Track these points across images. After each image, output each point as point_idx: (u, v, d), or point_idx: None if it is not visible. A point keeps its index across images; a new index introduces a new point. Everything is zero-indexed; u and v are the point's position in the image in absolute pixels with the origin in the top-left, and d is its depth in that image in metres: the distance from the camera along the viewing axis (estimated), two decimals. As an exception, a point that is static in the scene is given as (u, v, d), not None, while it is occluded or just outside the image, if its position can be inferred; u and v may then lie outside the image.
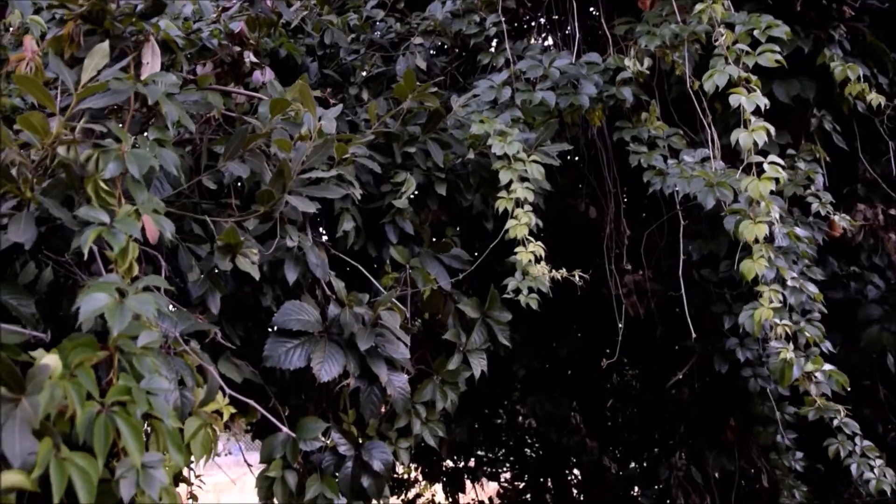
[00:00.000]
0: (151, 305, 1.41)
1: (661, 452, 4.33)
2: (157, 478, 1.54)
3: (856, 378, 3.44)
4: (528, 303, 2.28)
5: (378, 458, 2.29)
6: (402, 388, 2.28)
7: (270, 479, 2.13)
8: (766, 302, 2.28)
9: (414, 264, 2.49)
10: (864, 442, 2.67)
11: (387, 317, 2.20)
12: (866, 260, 3.40)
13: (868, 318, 3.22)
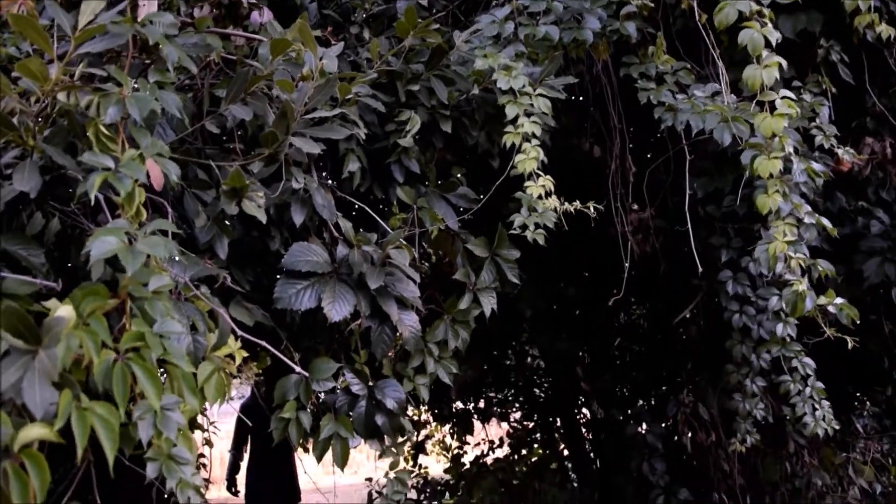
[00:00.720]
0: (163, 247, 1.42)
1: (668, 390, 4.38)
2: (175, 419, 1.57)
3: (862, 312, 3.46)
4: (535, 238, 2.27)
5: (391, 396, 2.32)
6: (414, 327, 2.29)
7: (285, 420, 2.16)
8: (780, 235, 2.28)
9: (421, 204, 2.48)
10: (816, 384, 2.72)
11: (396, 255, 2.20)
12: (873, 194, 3.37)
13: (871, 250, 3.21)
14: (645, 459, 4.02)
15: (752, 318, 3.12)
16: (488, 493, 5.19)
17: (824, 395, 2.75)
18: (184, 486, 1.70)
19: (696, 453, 4.09)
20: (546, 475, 5.35)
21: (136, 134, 1.65)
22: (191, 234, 2.09)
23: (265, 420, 3.53)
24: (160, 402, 1.53)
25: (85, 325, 1.39)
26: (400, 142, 2.43)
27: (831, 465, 3.88)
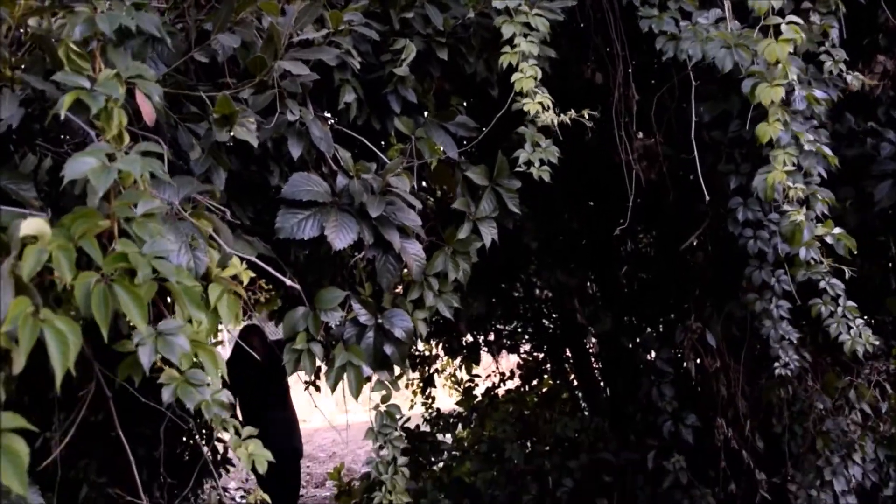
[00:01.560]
0: (138, 165, 1.41)
1: (676, 318, 4.40)
2: (178, 343, 1.59)
3: (869, 235, 3.44)
4: (541, 175, 2.26)
5: (399, 325, 2.34)
6: (418, 256, 2.30)
7: (297, 352, 2.18)
8: (779, 165, 2.25)
9: (419, 135, 2.45)
10: (847, 303, 2.69)
11: (396, 182, 2.20)
12: (884, 115, 3.31)
13: (882, 173, 3.15)
14: (654, 385, 4.07)
15: (767, 241, 3.10)
16: (500, 423, 5.27)
17: (857, 314, 2.72)
18: (208, 404, 1.74)
19: (702, 379, 4.13)
20: (557, 405, 5.43)
21: (114, 56, 1.63)
22: (187, 168, 2.09)
23: (251, 373, 3.64)
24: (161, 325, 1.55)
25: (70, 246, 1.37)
26: (395, 71, 2.40)
27: (834, 389, 3.91)
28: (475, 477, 5.30)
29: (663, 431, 4.06)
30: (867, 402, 3.89)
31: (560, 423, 5.01)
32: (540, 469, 4.92)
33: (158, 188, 1.78)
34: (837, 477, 3.86)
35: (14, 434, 1.21)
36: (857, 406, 3.88)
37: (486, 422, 5.56)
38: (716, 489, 4.24)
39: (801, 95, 2.45)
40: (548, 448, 5.11)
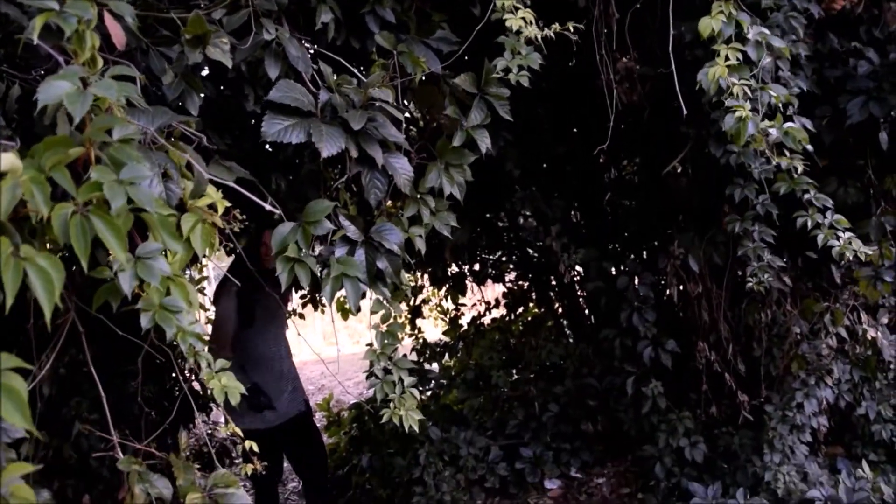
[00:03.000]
0: (114, 90, 1.39)
1: (659, 244, 4.43)
2: (157, 267, 1.59)
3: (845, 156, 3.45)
4: (520, 80, 2.22)
5: (391, 238, 2.30)
6: (405, 170, 2.26)
7: (291, 261, 2.10)
8: (721, 60, 2.21)
9: (401, 49, 2.39)
10: (833, 216, 2.70)
11: (378, 94, 2.16)
12: (865, 34, 3.29)
13: (856, 89, 3.16)
14: (634, 311, 4.12)
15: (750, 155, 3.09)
16: (486, 351, 5.35)
17: (846, 224, 2.74)
18: (183, 334, 1.74)
19: (684, 304, 4.19)
20: (542, 332, 5.50)
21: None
22: (161, 95, 2.06)
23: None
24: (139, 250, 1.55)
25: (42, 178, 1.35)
26: (373, -10, 2.35)
27: (812, 313, 3.97)
28: (462, 404, 5.41)
29: (644, 357, 4.13)
30: (843, 326, 3.96)
31: (545, 350, 5.09)
32: (526, 395, 5.03)
33: (133, 116, 1.75)
34: (810, 399, 3.96)
35: (12, 373, 1.22)
36: (832, 330, 3.95)
37: (473, 350, 5.64)
38: (697, 412, 4.35)
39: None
40: (533, 375, 5.21)
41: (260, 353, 3.86)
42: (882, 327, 4.22)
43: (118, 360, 3.27)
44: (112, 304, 1.73)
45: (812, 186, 2.73)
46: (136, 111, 1.79)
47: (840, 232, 2.71)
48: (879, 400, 4.34)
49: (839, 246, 2.66)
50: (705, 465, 4.24)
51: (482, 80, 2.45)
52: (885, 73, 3.14)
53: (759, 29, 2.46)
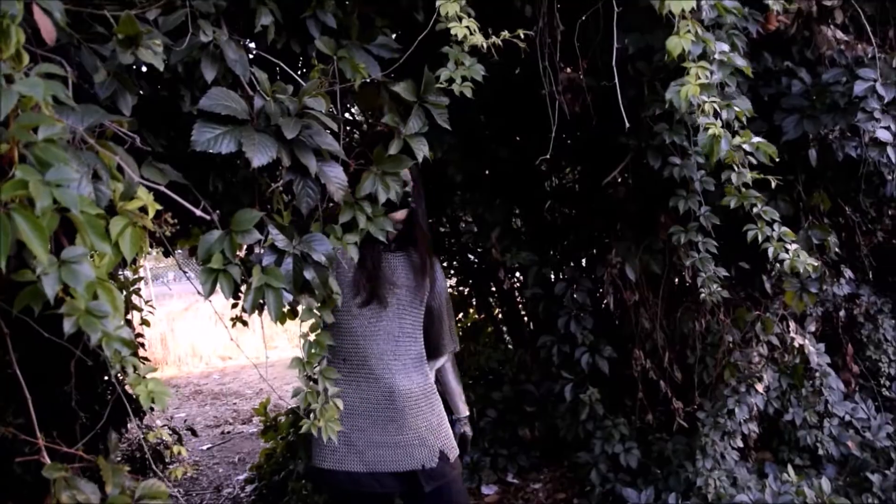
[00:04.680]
0: (41, 88, 1.33)
1: (598, 252, 4.49)
2: (82, 271, 1.52)
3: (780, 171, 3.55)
4: (462, 91, 2.21)
5: (319, 249, 2.25)
6: (339, 178, 2.22)
7: (215, 272, 2.05)
8: (693, 79, 2.25)
9: (342, 55, 2.36)
10: (781, 228, 2.77)
11: (312, 103, 2.12)
12: (798, 53, 3.40)
13: (791, 108, 3.27)
14: (572, 318, 4.16)
15: (693, 168, 3.15)
16: (424, 356, 5.34)
17: (793, 237, 2.80)
18: (108, 339, 1.67)
19: (621, 312, 4.25)
20: (482, 337, 5.52)
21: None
22: (93, 93, 1.99)
23: None
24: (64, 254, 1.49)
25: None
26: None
27: (744, 322, 4.08)
28: (400, 409, 5.39)
29: (581, 363, 4.18)
30: (773, 334, 4.08)
31: (484, 355, 5.11)
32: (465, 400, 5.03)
33: (62, 114, 1.68)
34: (741, 406, 4.07)
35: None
36: (763, 339, 4.06)
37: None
38: (633, 418, 4.42)
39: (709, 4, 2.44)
40: (472, 380, 5.22)
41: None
42: (809, 336, 4.37)
43: (48, 363, 3.16)
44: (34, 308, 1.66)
45: (760, 200, 2.80)
46: (66, 109, 1.72)
47: (787, 244, 2.78)
48: (805, 406, 4.48)
49: (789, 258, 2.73)
50: (639, 470, 4.31)
51: (422, 87, 2.43)
52: (817, 93, 3.25)
53: (722, 47, 2.51)
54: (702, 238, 3.26)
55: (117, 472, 2.08)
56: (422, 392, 2.85)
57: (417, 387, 2.84)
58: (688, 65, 2.25)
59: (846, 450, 4.50)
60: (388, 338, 2.82)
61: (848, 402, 4.68)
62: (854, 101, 3.12)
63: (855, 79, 3.12)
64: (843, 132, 3.50)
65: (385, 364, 2.79)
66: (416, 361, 2.87)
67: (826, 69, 3.32)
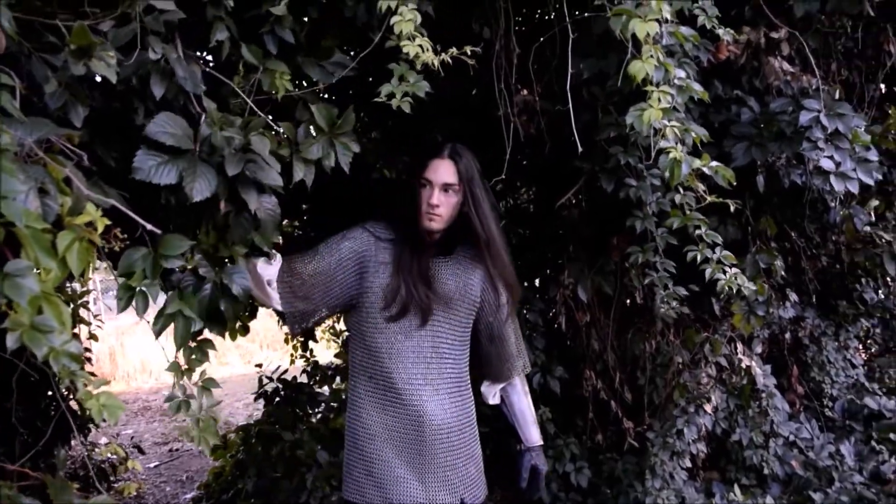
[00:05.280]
0: (-12, 100, 1.31)
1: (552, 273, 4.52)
2: (26, 286, 1.50)
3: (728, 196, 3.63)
4: (401, 106, 2.21)
5: (238, 282, 2.25)
6: (272, 210, 2.24)
7: (132, 290, 2.03)
8: (655, 103, 2.28)
9: (270, 66, 2.33)
10: (722, 251, 2.83)
11: (256, 142, 2.11)
12: (747, 83, 3.50)
13: (741, 135, 3.36)
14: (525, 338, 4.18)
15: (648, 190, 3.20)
16: (378, 374, 5.32)
17: (733, 261, 2.85)
18: (56, 354, 1.64)
19: (573, 333, 4.29)
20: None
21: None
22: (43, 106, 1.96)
23: None
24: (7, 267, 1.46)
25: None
26: (273, 10, 2.30)
27: (693, 343, 4.15)
28: (352, 428, 5.35)
29: (533, 383, 4.20)
30: (721, 355, 4.16)
31: (436, 374, 5.09)
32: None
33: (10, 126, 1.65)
34: (690, 426, 4.13)
35: None
36: (711, 360, 4.13)
37: (365, 373, 5.58)
38: (584, 438, 4.45)
39: (667, 31, 2.49)
40: (425, 399, 5.20)
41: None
42: (756, 357, 4.46)
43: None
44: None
45: (703, 223, 2.86)
46: (14, 121, 1.69)
47: (727, 267, 2.83)
48: (752, 427, 4.56)
49: (725, 280, 2.78)
50: (590, 489, 4.34)
51: (341, 120, 2.42)
52: (765, 122, 3.34)
53: (680, 73, 2.57)
54: (660, 258, 3.31)
55: (65, 490, 2.04)
56: (457, 423, 2.56)
57: (453, 417, 2.54)
58: (650, 89, 2.29)
59: (790, 469, 4.59)
60: (419, 359, 2.51)
61: (793, 422, 4.79)
62: (799, 130, 3.21)
63: (800, 109, 3.21)
64: (789, 160, 3.60)
65: (414, 388, 2.49)
66: (452, 387, 2.57)
67: (774, 99, 3.42)
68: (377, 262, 2.55)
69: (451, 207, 2.55)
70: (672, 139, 2.41)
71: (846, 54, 3.92)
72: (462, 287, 2.62)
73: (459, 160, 2.55)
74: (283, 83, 2.36)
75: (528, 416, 2.89)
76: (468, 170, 2.57)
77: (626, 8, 2.26)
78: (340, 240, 2.63)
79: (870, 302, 5.43)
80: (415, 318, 2.52)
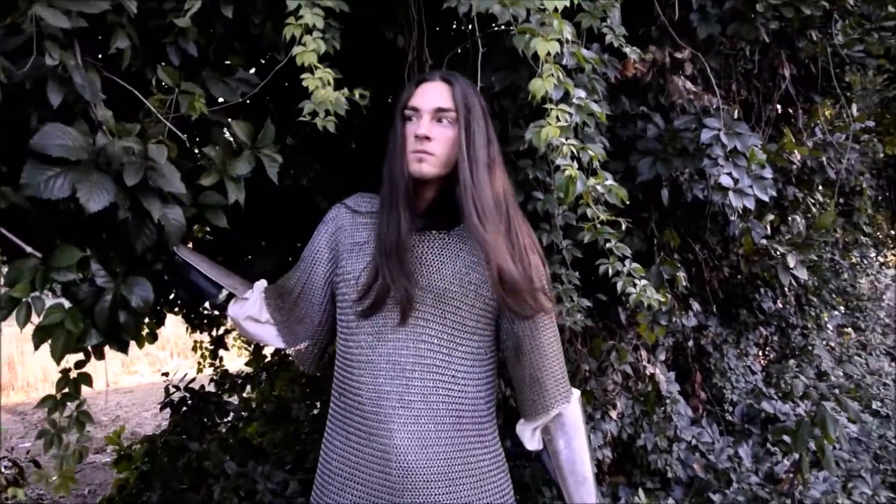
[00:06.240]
0: None
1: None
2: None
3: (634, 209, 3.74)
4: (325, 126, 2.20)
5: (138, 294, 2.17)
6: (178, 221, 2.18)
7: (16, 301, 1.94)
8: (553, 121, 2.31)
9: (186, 88, 2.29)
10: (632, 264, 2.91)
11: (153, 151, 2.06)
12: (653, 100, 3.61)
13: (646, 150, 3.46)
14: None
15: (554, 203, 3.25)
16: (289, 383, 5.24)
17: (643, 273, 2.91)
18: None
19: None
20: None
21: None
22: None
23: None
24: None
25: None
26: (177, 22, 2.24)
27: (600, 351, 4.25)
28: (262, 438, 5.26)
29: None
30: (627, 363, 4.27)
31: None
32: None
33: None
34: (596, 432, 4.23)
35: None
36: (617, 367, 4.24)
37: (276, 382, 5.50)
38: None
39: (569, 52, 2.54)
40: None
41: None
42: (661, 364, 4.60)
43: None
44: None
45: (613, 236, 2.92)
46: None
47: (637, 280, 2.91)
48: (656, 432, 4.70)
49: (635, 293, 2.85)
50: (499, 497, 4.38)
51: (260, 134, 2.38)
52: (669, 138, 3.46)
53: (580, 93, 2.62)
54: (566, 271, 3.38)
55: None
56: (445, 470, 1.83)
57: (440, 460, 1.82)
58: (549, 107, 2.33)
59: (692, 472, 4.75)
60: (393, 370, 1.87)
61: (695, 426, 4.96)
62: (701, 147, 3.33)
63: (702, 127, 3.33)
64: (692, 175, 3.73)
65: (383, 412, 1.85)
66: (446, 416, 1.87)
67: (678, 116, 3.54)
68: (352, 242, 2.01)
69: (447, 144, 1.94)
70: (568, 157, 2.45)
71: (745, 76, 4.11)
72: (464, 274, 1.95)
73: (455, 82, 2.03)
74: (199, 105, 2.30)
75: (577, 467, 1.99)
76: (466, 96, 2.02)
77: (530, 27, 2.29)
78: (317, 230, 2.20)
79: (768, 311, 5.69)
80: (392, 314, 1.87)
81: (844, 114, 4.69)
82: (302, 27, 2.12)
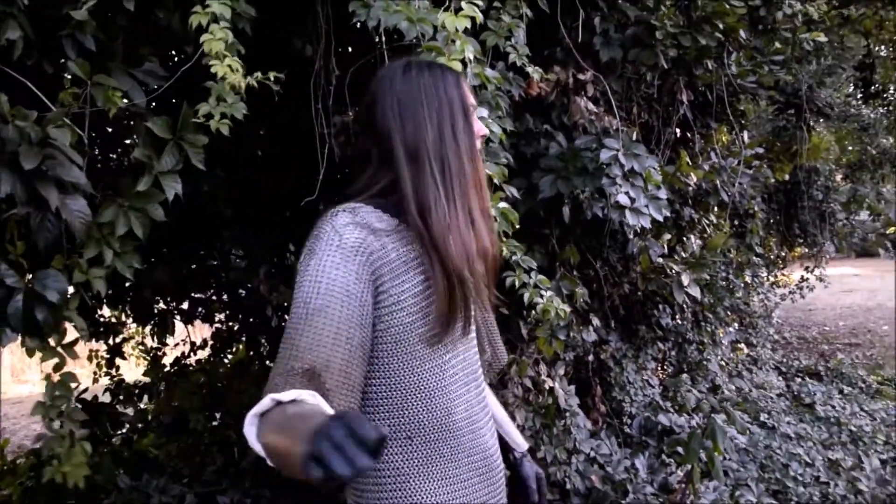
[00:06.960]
0: None
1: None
2: None
3: (537, 225, 3.83)
4: (220, 128, 2.17)
5: (53, 287, 2.11)
6: (82, 213, 2.10)
7: None
8: None
9: (99, 80, 2.23)
10: (538, 276, 2.97)
11: (57, 134, 1.99)
12: (556, 119, 3.71)
13: (548, 168, 3.55)
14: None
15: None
16: (188, 394, 5.10)
17: (548, 284, 2.96)
18: None
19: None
20: (247, 375, 5.36)
21: None
22: None
23: None
24: None
25: None
26: (73, 14, 2.18)
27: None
28: (158, 450, 5.09)
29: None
30: (527, 376, 4.34)
31: (247, 393, 4.97)
32: (226, 440, 4.85)
33: None
34: (496, 444, 4.28)
35: None
36: (518, 380, 4.30)
37: (175, 393, 5.34)
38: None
39: (472, 73, 2.59)
40: (235, 419, 5.04)
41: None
42: (560, 378, 4.69)
43: None
44: None
45: (519, 249, 2.97)
46: None
47: (543, 291, 2.96)
48: (556, 444, 4.79)
49: (542, 303, 2.90)
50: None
51: (179, 123, 2.35)
52: (570, 157, 3.55)
53: (482, 111, 2.66)
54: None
55: None
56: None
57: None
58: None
59: (590, 483, 4.85)
60: (468, 378, 1.71)
61: (594, 439, 5.07)
62: (601, 166, 3.43)
63: (602, 147, 3.44)
64: (592, 194, 3.84)
65: (477, 426, 1.71)
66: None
67: (580, 135, 3.64)
68: (399, 262, 1.61)
69: None
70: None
71: (646, 99, 4.27)
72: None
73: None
74: (115, 98, 2.22)
75: (508, 419, 2.07)
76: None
77: (436, 45, 2.33)
78: (337, 269, 1.57)
79: (666, 327, 5.89)
80: (457, 325, 1.65)
81: (738, 140, 4.93)
82: (209, 16, 2.10)
